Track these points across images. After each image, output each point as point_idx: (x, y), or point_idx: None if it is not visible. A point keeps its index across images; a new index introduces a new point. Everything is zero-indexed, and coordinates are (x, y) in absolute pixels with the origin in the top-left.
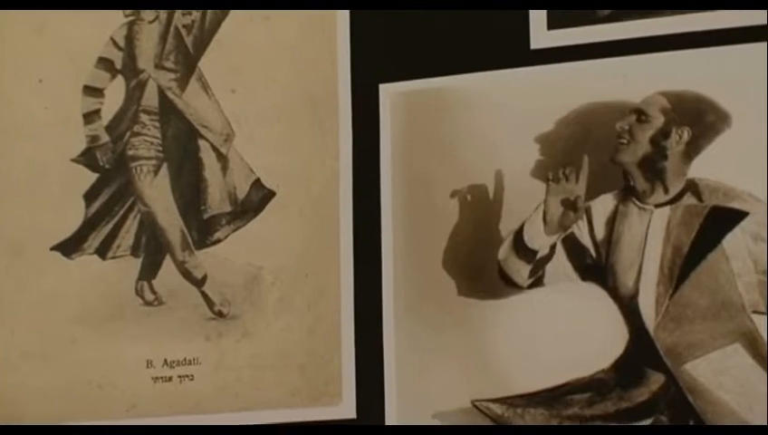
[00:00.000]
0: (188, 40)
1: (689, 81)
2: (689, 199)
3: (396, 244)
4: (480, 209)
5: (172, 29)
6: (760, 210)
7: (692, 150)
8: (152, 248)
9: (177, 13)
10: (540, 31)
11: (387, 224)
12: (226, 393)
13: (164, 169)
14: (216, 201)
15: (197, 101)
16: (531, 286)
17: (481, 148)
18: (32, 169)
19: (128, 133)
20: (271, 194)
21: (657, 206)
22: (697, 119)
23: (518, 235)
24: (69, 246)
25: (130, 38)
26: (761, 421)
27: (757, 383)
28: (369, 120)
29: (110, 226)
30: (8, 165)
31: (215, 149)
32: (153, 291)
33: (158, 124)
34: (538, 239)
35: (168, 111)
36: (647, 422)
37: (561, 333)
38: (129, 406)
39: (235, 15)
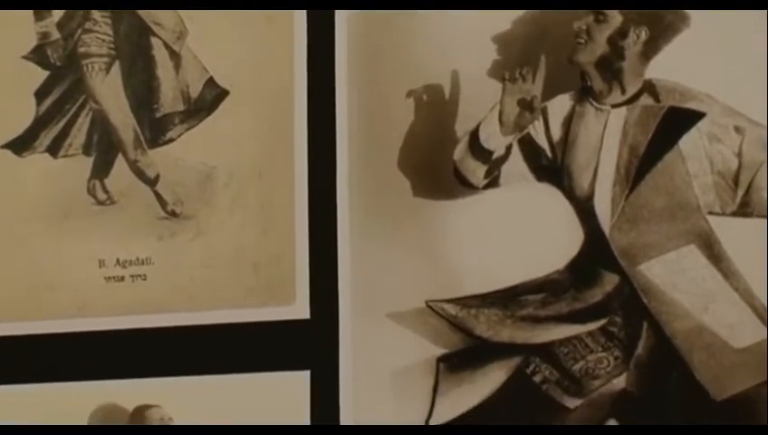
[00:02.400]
0: None
1: None
2: (646, 100)
3: (351, 143)
4: (436, 110)
5: None
6: (717, 111)
7: (649, 50)
8: (104, 147)
9: None
10: None
11: (342, 123)
12: (180, 293)
13: (116, 67)
14: (169, 100)
15: None
16: (486, 187)
17: (437, 48)
18: None
19: (79, 30)
20: (224, 93)
21: (614, 106)
22: (655, 18)
23: (474, 135)
24: (20, 145)
25: None
26: (718, 328)
27: (712, 284)
28: (325, 17)
29: (61, 124)
30: None
31: (167, 46)
32: (105, 190)
33: (109, 21)
34: (494, 140)
35: None
36: (600, 323)
37: (516, 234)
38: (80, 305)
39: None
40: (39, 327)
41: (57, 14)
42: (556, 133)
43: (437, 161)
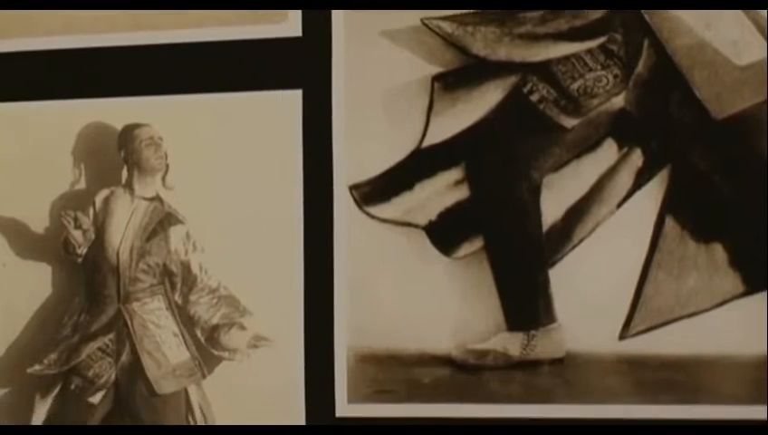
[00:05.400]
0: None
1: None
2: None
3: None
4: None
5: None
6: None
7: None
8: None
9: None
10: None
11: None
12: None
13: None
14: None
15: None
16: None
17: None
18: None
19: None
20: None
21: None
22: None
23: None
24: None
25: None
26: (720, 45)
27: None
28: None
29: None
30: None
31: None
32: None
33: None
34: None
35: None
36: (600, 40)
37: None
38: (66, 22)
39: None
40: (26, 44)
41: None
42: None
43: None
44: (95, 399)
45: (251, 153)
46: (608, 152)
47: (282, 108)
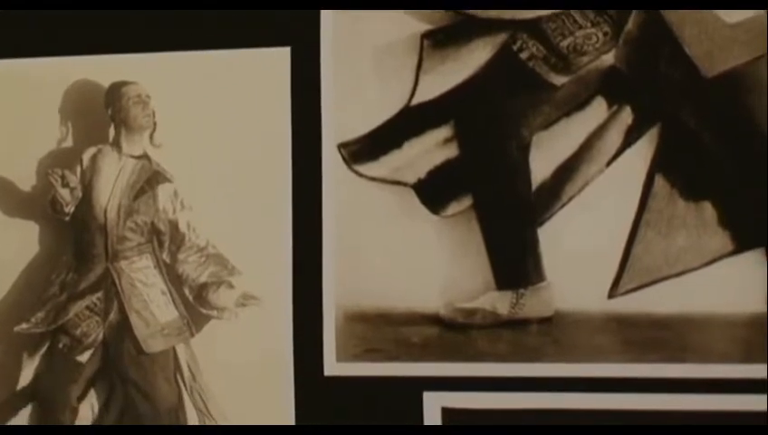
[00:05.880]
0: None
1: None
2: None
3: None
4: None
5: None
6: None
7: None
8: None
9: None
10: None
11: None
12: None
13: None
14: None
15: None
16: None
17: None
18: None
19: None
20: None
21: None
22: None
23: None
24: None
25: None
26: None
27: None
28: None
29: None
30: None
31: None
32: None
33: None
34: None
35: None
36: None
37: None
38: None
39: None
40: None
41: None
42: None
43: None
44: (83, 357)
45: (239, 111)
46: (597, 110)
47: (270, 65)
